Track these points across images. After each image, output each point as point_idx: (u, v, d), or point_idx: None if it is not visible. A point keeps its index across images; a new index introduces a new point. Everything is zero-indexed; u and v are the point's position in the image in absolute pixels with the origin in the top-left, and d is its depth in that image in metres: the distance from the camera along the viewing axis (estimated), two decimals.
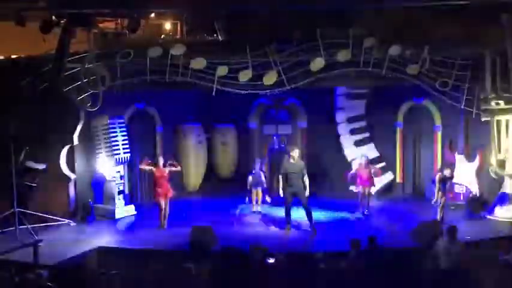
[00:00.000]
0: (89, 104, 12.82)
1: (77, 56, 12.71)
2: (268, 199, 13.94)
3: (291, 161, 11.91)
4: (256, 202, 13.74)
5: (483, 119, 12.82)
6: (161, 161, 12.58)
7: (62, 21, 11.97)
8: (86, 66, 12.53)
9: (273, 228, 12.41)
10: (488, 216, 12.75)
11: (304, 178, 11.84)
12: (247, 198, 13.88)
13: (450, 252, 8.14)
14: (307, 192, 11.81)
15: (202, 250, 10.26)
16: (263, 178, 13.86)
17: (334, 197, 14.68)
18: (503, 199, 12.70)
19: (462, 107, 12.98)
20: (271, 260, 8.56)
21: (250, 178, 13.77)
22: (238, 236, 11.74)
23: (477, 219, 12.73)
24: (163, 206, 12.45)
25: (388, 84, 13.36)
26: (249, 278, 3.61)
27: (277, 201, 13.52)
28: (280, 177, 12.03)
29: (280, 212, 12.97)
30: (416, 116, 15.10)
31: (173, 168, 12.74)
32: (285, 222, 12.07)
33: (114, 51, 12.74)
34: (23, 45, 13.85)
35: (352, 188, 13.95)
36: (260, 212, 13.68)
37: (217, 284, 3.48)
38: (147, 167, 12.69)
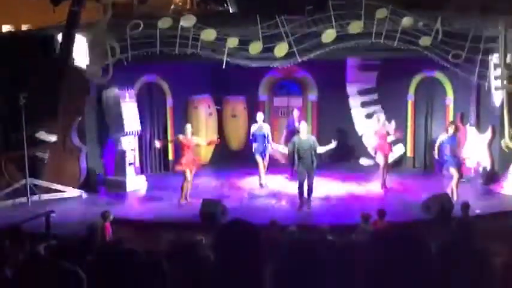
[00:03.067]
0: (99, 76, 12.82)
1: (87, 27, 12.67)
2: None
3: (300, 136, 11.82)
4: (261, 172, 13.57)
5: (495, 91, 12.69)
6: (189, 129, 12.35)
7: None
8: (96, 37, 12.49)
9: (283, 201, 12.43)
10: (498, 190, 12.71)
11: (317, 151, 11.73)
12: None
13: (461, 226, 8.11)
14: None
15: (213, 223, 10.33)
16: (266, 143, 13.54)
17: (345, 170, 14.67)
18: None
19: (475, 79, 12.83)
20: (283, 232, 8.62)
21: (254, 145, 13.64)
22: (248, 209, 11.79)
23: (488, 193, 12.71)
24: (189, 178, 12.17)
25: (400, 56, 13.21)
26: (259, 250, 3.63)
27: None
28: (286, 150, 11.94)
29: (290, 186, 12.97)
30: (428, 89, 14.97)
31: (201, 141, 12.81)
32: (299, 197, 11.82)
33: (124, 23, 12.67)
34: (34, 16, 13.82)
35: (362, 160, 13.86)
36: (266, 184, 13.58)
37: (226, 255, 3.51)
38: (177, 139, 12.56)
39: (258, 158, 13.55)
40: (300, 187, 11.73)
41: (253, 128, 13.73)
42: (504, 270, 5.38)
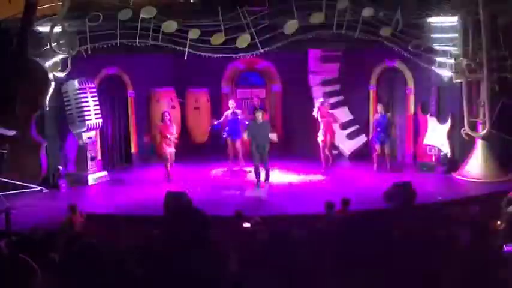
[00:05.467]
0: (58, 69, 12.57)
1: (45, 19, 12.40)
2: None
3: (256, 121, 12.51)
4: (235, 157, 13.95)
5: (455, 81, 12.91)
6: (167, 117, 13.19)
7: None
8: (54, 30, 12.24)
9: (248, 191, 12.43)
10: (459, 177, 12.95)
11: (269, 137, 12.50)
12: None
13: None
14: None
15: (177, 215, 10.24)
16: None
17: (309, 160, 14.72)
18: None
19: (435, 69, 13.02)
20: (247, 224, 8.62)
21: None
22: (214, 200, 11.75)
23: (448, 180, 12.94)
24: (169, 160, 13.18)
25: (362, 47, 13.32)
26: (222, 241, 3.61)
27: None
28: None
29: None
30: (389, 79, 15.12)
31: (174, 133, 13.33)
32: (256, 179, 12.59)
33: (83, 14, 12.43)
34: None
35: (326, 150, 13.96)
36: (242, 169, 13.84)
37: (188, 248, 3.49)
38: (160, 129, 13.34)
39: (230, 142, 13.89)
40: (256, 169, 12.51)
41: (227, 112, 14.02)
42: (466, 254, 5.49)
